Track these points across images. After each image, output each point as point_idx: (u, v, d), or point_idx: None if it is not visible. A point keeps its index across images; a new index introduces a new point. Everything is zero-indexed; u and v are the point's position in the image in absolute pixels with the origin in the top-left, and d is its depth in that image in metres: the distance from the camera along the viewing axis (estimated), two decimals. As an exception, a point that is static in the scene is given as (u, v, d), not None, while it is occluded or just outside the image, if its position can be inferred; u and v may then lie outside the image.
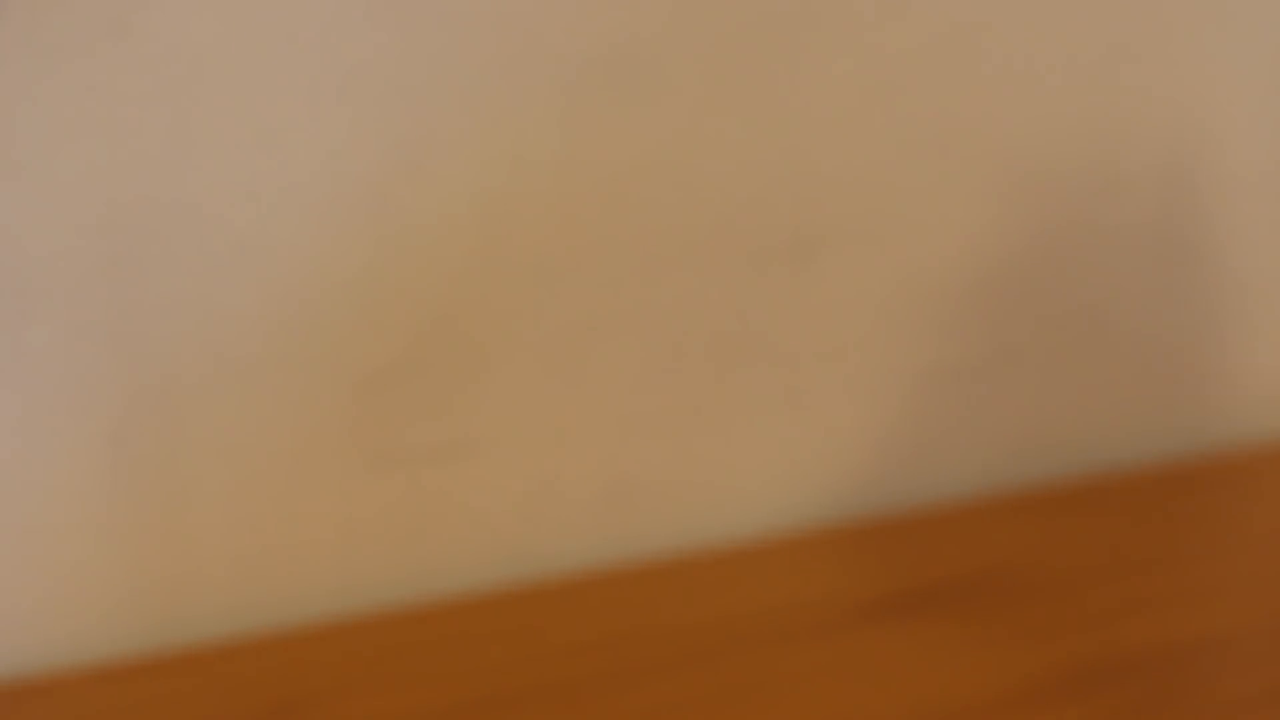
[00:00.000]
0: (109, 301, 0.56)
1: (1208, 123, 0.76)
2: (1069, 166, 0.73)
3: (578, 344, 0.65)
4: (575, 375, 0.65)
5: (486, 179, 0.62)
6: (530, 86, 0.62)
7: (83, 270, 0.56)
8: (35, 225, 0.55)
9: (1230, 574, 0.61)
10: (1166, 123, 0.75)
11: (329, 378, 0.61)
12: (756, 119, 0.66)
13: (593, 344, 0.65)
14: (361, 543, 0.63)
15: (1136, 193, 0.75)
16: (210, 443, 0.59)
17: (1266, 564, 0.62)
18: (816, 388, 0.70)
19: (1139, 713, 0.50)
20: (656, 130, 0.64)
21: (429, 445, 0.63)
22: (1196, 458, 0.74)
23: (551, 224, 0.63)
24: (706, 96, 0.65)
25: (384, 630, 0.59)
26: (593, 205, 0.64)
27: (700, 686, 0.54)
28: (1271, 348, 0.79)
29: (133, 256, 0.57)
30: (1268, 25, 0.76)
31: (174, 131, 0.56)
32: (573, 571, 0.66)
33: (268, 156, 0.58)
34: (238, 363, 0.59)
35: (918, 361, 0.71)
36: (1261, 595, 0.59)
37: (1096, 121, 0.73)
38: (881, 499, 0.73)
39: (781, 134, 0.67)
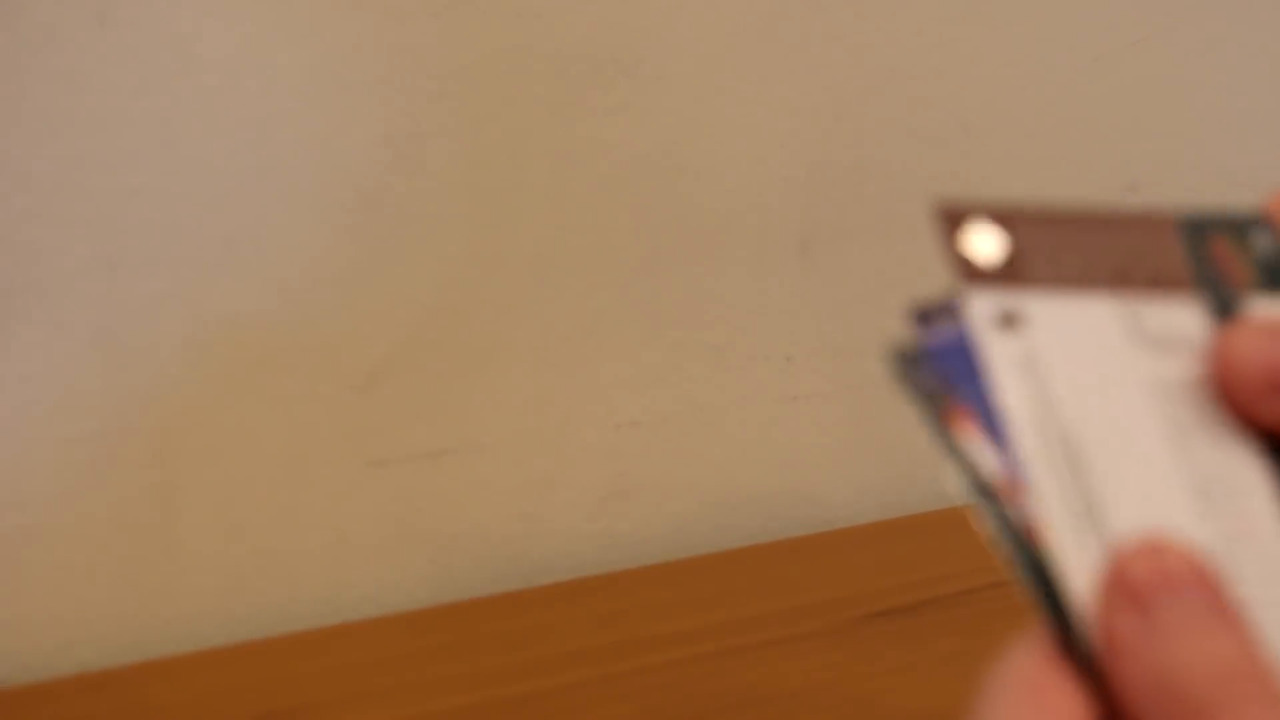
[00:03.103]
0: (96, 298, 0.56)
1: (1214, 119, 0.75)
2: (1074, 164, 0.73)
3: (578, 344, 0.65)
4: (575, 375, 0.65)
5: (483, 174, 0.61)
6: (527, 78, 0.61)
7: (68, 266, 0.55)
8: (19, 220, 0.54)
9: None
10: (1176, 119, 0.74)
11: (322, 377, 0.60)
12: (758, 115, 0.66)
13: (593, 344, 0.65)
14: (355, 547, 0.63)
15: (1147, 190, 0.75)
16: (199, 444, 0.59)
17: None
18: (817, 388, 0.70)
19: None
20: (656, 126, 0.64)
21: (425, 447, 0.63)
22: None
23: (550, 221, 0.63)
24: (707, 91, 0.64)
25: (376, 637, 0.58)
26: (592, 202, 0.63)
27: (701, 692, 0.54)
28: None
29: (119, 252, 0.56)
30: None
31: (160, 124, 0.55)
32: (570, 575, 0.66)
33: (258, 150, 0.57)
34: (227, 362, 0.59)
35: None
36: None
37: (1104, 118, 0.73)
38: (884, 500, 0.73)
39: (783, 130, 0.66)
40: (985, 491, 0.23)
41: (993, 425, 0.23)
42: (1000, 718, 0.22)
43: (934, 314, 0.25)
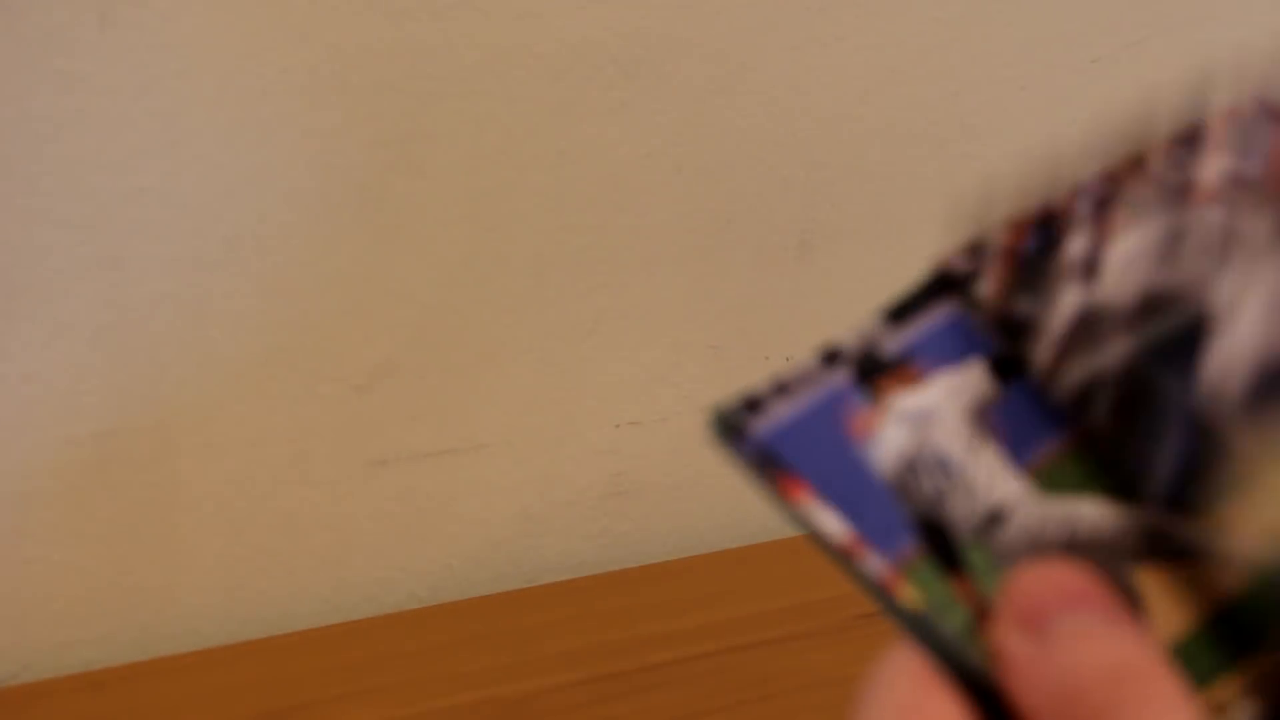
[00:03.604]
0: (97, 298, 0.56)
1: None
2: (1073, 165, 0.73)
3: (578, 344, 0.65)
4: (575, 375, 0.65)
5: (484, 174, 0.61)
6: (527, 78, 0.61)
7: (70, 266, 0.55)
8: (21, 220, 0.54)
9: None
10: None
11: (323, 377, 0.60)
12: (757, 115, 0.66)
13: (593, 344, 0.65)
14: (355, 547, 0.63)
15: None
16: (200, 444, 0.59)
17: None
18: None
19: None
20: (656, 126, 0.64)
21: (425, 447, 0.63)
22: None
23: (550, 221, 0.63)
24: (707, 91, 0.64)
25: (376, 637, 0.58)
26: (592, 202, 0.63)
27: (701, 692, 0.54)
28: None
29: (121, 252, 0.56)
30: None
31: (162, 124, 0.55)
32: (570, 575, 0.66)
33: (259, 150, 0.57)
34: (228, 361, 0.59)
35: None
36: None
37: (1102, 118, 0.73)
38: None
39: (783, 131, 0.66)
40: (835, 551, 0.23)
41: (838, 493, 0.24)
42: None
43: (764, 399, 0.25)
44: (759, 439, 0.24)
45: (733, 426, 0.24)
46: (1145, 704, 0.20)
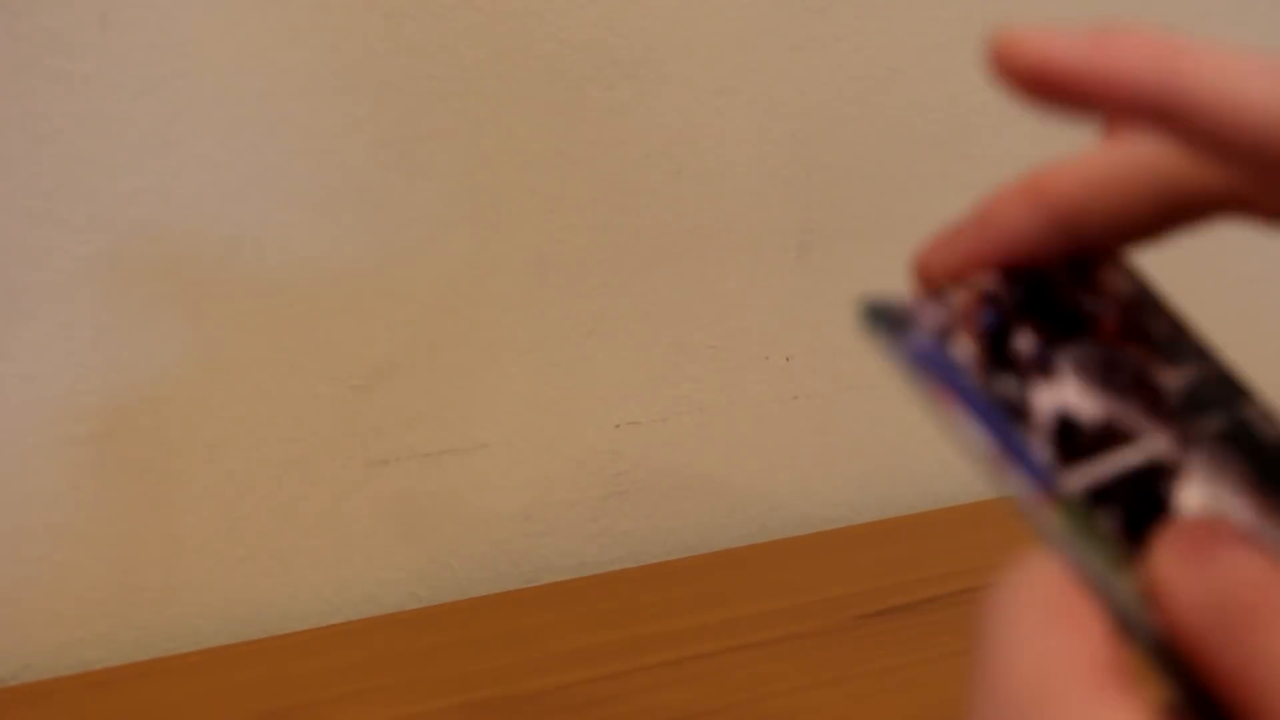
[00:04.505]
0: (98, 299, 0.56)
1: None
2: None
3: (578, 344, 0.65)
4: (575, 375, 0.65)
5: (484, 174, 0.61)
6: (528, 78, 0.61)
7: (71, 267, 0.55)
8: (23, 221, 0.54)
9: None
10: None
11: (323, 377, 0.60)
12: (757, 116, 0.66)
13: (593, 344, 0.65)
14: (355, 547, 0.63)
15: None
16: (200, 444, 0.59)
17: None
18: (817, 388, 0.70)
19: None
20: (656, 126, 0.64)
21: (425, 446, 0.63)
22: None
23: (550, 221, 0.63)
24: (707, 92, 0.64)
25: (376, 637, 0.58)
26: (592, 202, 0.63)
27: (701, 691, 0.54)
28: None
29: (121, 253, 0.56)
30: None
31: (163, 125, 0.55)
32: (571, 575, 0.66)
33: (259, 150, 0.57)
34: (229, 361, 0.59)
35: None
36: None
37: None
38: (883, 500, 0.73)
39: (783, 131, 0.66)
40: (983, 463, 0.24)
41: (978, 408, 0.24)
42: (1026, 635, 0.22)
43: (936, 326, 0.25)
44: (922, 345, 0.24)
45: (894, 324, 0.25)
46: None
